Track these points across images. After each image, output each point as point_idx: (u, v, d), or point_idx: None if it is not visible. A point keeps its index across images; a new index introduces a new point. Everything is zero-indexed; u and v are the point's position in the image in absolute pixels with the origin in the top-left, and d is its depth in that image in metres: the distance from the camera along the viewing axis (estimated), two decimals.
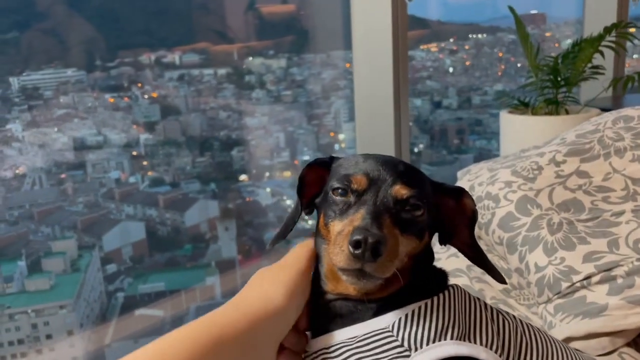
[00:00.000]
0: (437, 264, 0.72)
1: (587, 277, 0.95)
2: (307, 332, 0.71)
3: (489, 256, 0.74)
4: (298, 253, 0.70)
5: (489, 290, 1.08)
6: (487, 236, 1.16)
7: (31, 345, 2.63)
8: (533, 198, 1.10)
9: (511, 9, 1.93)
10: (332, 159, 0.71)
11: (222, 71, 3.37)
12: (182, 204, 3.32)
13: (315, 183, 0.72)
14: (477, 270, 1.12)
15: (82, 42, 3.06)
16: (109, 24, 3.13)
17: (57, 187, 3.04)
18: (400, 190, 0.64)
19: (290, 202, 3.62)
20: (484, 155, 4.07)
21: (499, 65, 4.46)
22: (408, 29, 2.19)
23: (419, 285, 0.67)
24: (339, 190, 0.65)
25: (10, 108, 2.84)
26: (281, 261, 0.70)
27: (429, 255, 0.71)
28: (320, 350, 0.67)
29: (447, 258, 1.16)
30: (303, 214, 0.73)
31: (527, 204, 1.10)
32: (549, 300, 0.99)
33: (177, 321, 3.03)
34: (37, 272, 2.77)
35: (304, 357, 0.69)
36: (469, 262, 0.78)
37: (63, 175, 3.04)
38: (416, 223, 0.64)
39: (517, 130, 1.86)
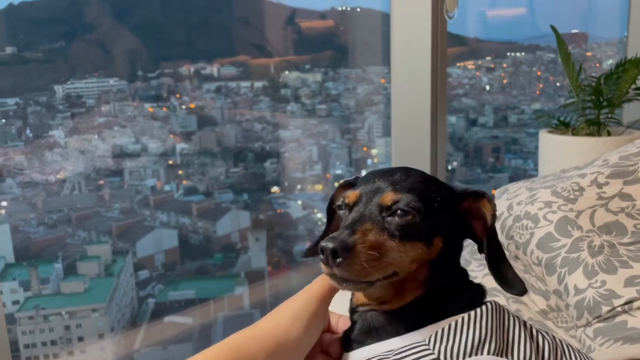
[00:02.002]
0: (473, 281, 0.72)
1: (629, 302, 0.93)
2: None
3: (527, 277, 0.73)
4: (319, 283, 0.72)
5: (526, 311, 1.06)
6: (525, 256, 1.15)
7: (63, 346, 2.67)
8: (574, 219, 1.09)
9: (553, 28, 1.91)
10: (357, 179, 0.74)
11: (258, 84, 3.42)
12: (215, 214, 3.36)
13: None
14: None
15: (126, 52, 3.15)
16: (151, 36, 3.21)
17: (95, 192, 3.11)
18: (386, 197, 0.66)
19: (321, 216, 3.64)
20: (519, 174, 4.01)
21: (537, 84, 4.41)
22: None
23: (452, 298, 0.67)
24: (341, 207, 0.70)
25: (54, 115, 2.93)
26: (302, 291, 0.73)
27: (451, 263, 0.71)
28: None
29: (484, 277, 1.15)
30: None
31: (568, 225, 1.09)
32: (588, 324, 0.97)
33: (206, 329, 3.05)
34: (72, 275, 2.82)
35: None
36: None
37: (101, 182, 3.10)
38: (410, 228, 0.65)
39: (556, 150, 1.83)
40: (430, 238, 0.66)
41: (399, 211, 0.65)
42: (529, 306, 1.08)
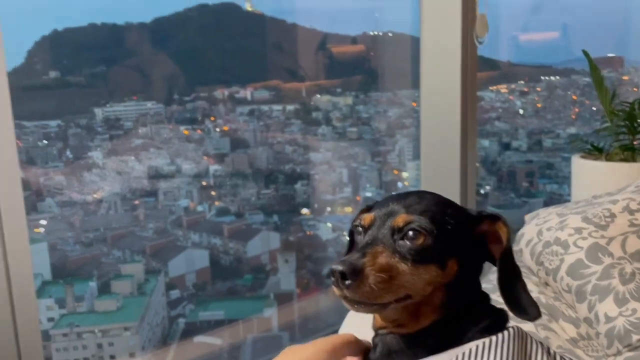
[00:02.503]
0: (499, 307, 0.72)
1: None
2: None
3: (557, 304, 0.73)
4: (332, 338, 0.72)
5: (556, 339, 1.04)
6: (555, 283, 1.13)
7: None
8: (604, 246, 1.07)
9: (585, 53, 1.90)
10: (375, 204, 0.75)
11: (290, 107, 3.47)
12: (245, 235, 3.39)
13: None
14: (543, 317, 1.09)
15: (163, 77, 3.25)
16: (188, 61, 3.30)
17: (130, 212, 3.17)
18: (398, 220, 0.66)
19: None
20: (554, 200, 3.94)
21: (572, 108, 4.35)
22: (477, 70, 2.20)
23: (473, 322, 0.67)
24: (357, 229, 0.71)
25: (94, 137, 3.02)
26: (311, 342, 0.73)
27: (469, 286, 0.71)
28: None
29: None
30: None
31: (598, 252, 1.07)
32: (618, 353, 0.95)
33: (234, 351, 3.06)
34: (106, 293, 2.87)
35: None
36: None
37: (137, 202, 3.17)
38: (423, 251, 0.65)
39: (589, 175, 1.81)
40: (444, 261, 0.66)
41: (410, 233, 0.65)
42: (559, 334, 1.06)
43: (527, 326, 1.09)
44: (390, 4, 3.50)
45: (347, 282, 0.61)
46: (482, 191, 4.09)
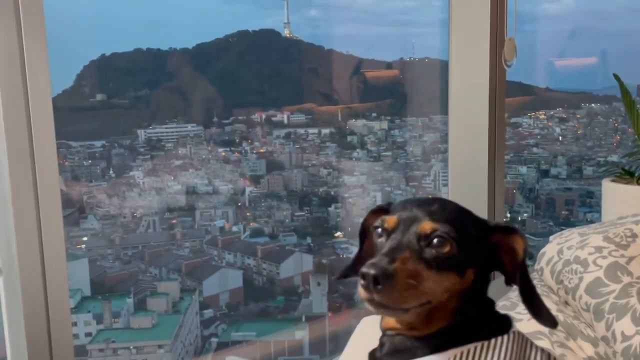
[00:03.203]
0: (518, 325, 0.73)
1: None
2: None
3: (575, 323, 0.74)
4: None
5: (572, 357, 1.04)
6: (574, 302, 1.13)
7: None
8: (624, 265, 1.07)
9: (616, 77, 1.89)
10: (390, 205, 0.77)
11: (325, 131, 3.51)
12: (279, 256, 3.41)
13: None
14: (560, 335, 1.08)
15: (203, 100, 3.35)
16: (227, 85, 3.40)
17: (167, 231, 3.24)
18: (424, 227, 0.68)
19: None
20: None
21: (614, 135, 4.25)
22: (514, 96, 2.19)
23: (476, 325, 0.69)
24: (378, 231, 0.72)
25: (136, 157, 3.11)
26: None
27: (480, 294, 0.72)
28: None
29: (529, 320, 1.13)
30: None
31: (618, 271, 1.07)
32: None
33: None
34: (142, 310, 2.91)
35: None
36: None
37: (174, 221, 3.23)
38: (447, 259, 0.67)
39: (620, 200, 1.78)
40: (464, 269, 0.69)
41: (435, 241, 0.67)
42: (576, 352, 1.05)
43: (544, 343, 1.08)
44: (426, 31, 3.55)
45: (379, 286, 0.62)
46: (519, 218, 4.02)
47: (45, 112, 1.40)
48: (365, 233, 0.79)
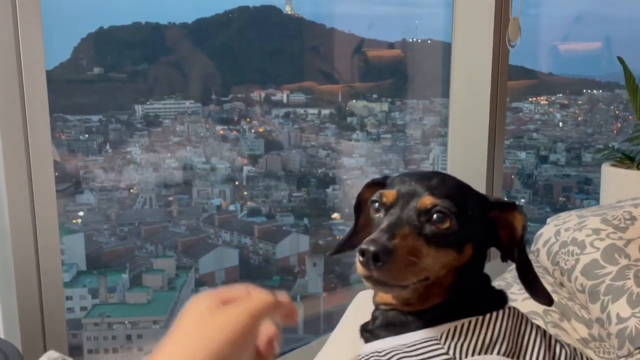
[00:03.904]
0: (513, 304, 0.72)
1: None
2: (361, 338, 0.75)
3: (570, 304, 0.73)
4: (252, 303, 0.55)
5: (566, 338, 1.03)
6: (570, 283, 1.12)
7: (124, 355, 2.73)
8: (622, 247, 1.06)
9: (621, 60, 1.87)
10: (386, 178, 0.75)
11: (325, 111, 3.49)
12: (275, 236, 3.41)
13: None
14: (555, 316, 1.08)
15: (202, 77, 3.31)
16: (226, 62, 3.36)
17: (164, 208, 3.22)
18: (424, 201, 0.66)
19: None
20: None
21: (615, 123, 4.23)
22: (516, 80, 2.17)
23: (472, 301, 0.68)
24: (375, 205, 0.70)
25: (133, 133, 3.09)
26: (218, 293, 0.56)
27: (477, 270, 0.71)
28: (373, 353, 0.70)
29: (523, 300, 1.13)
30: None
31: (615, 253, 1.06)
32: (629, 354, 0.93)
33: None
34: (137, 286, 2.90)
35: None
36: (545, 307, 0.77)
37: (171, 198, 3.22)
38: (446, 235, 0.65)
39: (619, 184, 1.77)
40: (463, 245, 0.68)
41: (435, 217, 0.66)
42: (570, 333, 1.05)
43: (538, 323, 1.08)
44: (429, 11, 3.50)
45: (379, 263, 0.61)
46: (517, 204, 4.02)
47: (39, 83, 1.37)
48: (360, 207, 0.78)
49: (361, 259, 0.62)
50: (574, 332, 1.04)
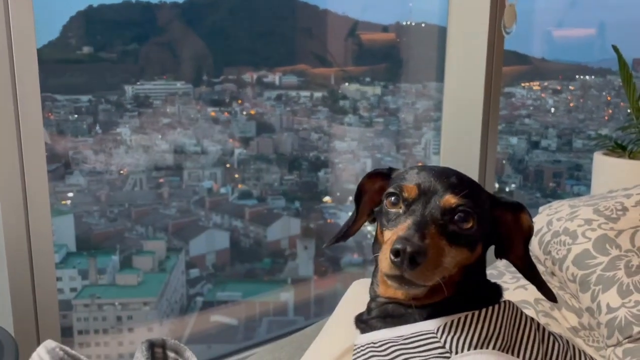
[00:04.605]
0: (505, 294, 0.73)
1: None
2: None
3: (561, 293, 0.73)
4: None
5: (556, 327, 1.04)
6: (561, 272, 1.12)
7: (114, 336, 2.75)
8: (613, 238, 1.06)
9: (615, 49, 1.86)
10: (391, 170, 0.74)
11: (318, 94, 3.47)
12: (266, 219, 3.41)
13: (375, 193, 0.76)
14: (545, 305, 1.08)
15: (193, 57, 3.27)
16: (218, 42, 3.31)
17: (155, 190, 3.20)
18: (449, 200, 0.66)
19: (371, 228, 3.61)
20: None
21: (606, 109, 4.25)
22: (509, 65, 2.17)
23: (470, 295, 0.68)
24: (392, 199, 0.69)
25: (123, 114, 3.05)
26: None
27: (482, 267, 0.72)
28: (368, 344, 0.70)
29: (515, 289, 1.13)
30: (368, 222, 0.78)
31: (606, 244, 1.06)
32: (618, 344, 0.94)
33: (249, 332, 3.10)
34: (127, 268, 2.90)
35: (354, 349, 0.73)
36: (537, 295, 0.78)
37: (161, 180, 3.20)
38: (466, 234, 0.65)
39: (611, 173, 1.78)
40: (476, 244, 0.68)
41: (458, 217, 0.65)
42: (560, 322, 1.06)
43: (528, 312, 1.08)
44: None
45: (416, 265, 0.60)
46: (507, 189, 4.04)
47: (30, 62, 1.35)
48: (360, 196, 0.77)
49: (395, 259, 0.61)
50: (565, 321, 1.05)
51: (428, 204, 0.66)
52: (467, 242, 0.66)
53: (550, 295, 0.74)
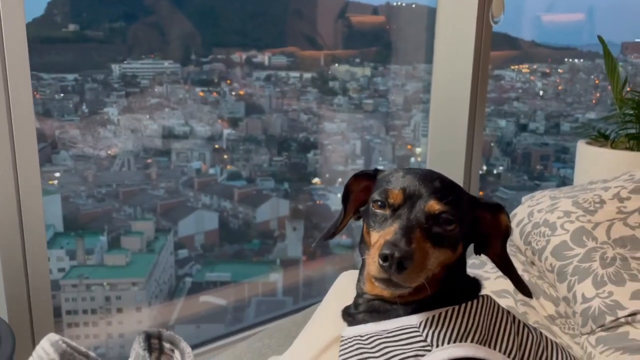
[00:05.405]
0: (486, 283, 0.75)
1: (633, 314, 0.93)
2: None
3: (539, 282, 0.76)
4: None
5: (533, 315, 1.07)
6: (540, 262, 1.15)
7: (103, 316, 2.76)
8: (590, 230, 1.09)
9: (600, 39, 1.87)
10: (377, 172, 0.76)
11: (307, 75, 3.45)
12: (255, 200, 3.41)
13: (361, 192, 0.78)
14: None
15: (181, 36, 3.23)
16: (206, 22, 3.27)
17: (142, 170, 3.19)
18: (434, 206, 0.68)
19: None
20: (567, 184, 3.88)
21: (594, 93, 4.27)
22: (498, 48, 2.17)
23: (452, 291, 0.71)
24: (378, 203, 0.71)
25: (110, 93, 3.02)
26: None
27: (462, 264, 0.75)
28: (355, 337, 0.73)
29: (496, 279, 1.16)
30: (353, 220, 0.80)
31: (583, 236, 1.09)
32: (592, 332, 0.98)
33: (238, 312, 3.13)
34: (116, 248, 2.90)
35: (341, 341, 0.76)
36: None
37: (149, 160, 3.18)
38: (449, 237, 0.68)
39: (593, 162, 1.80)
40: (457, 245, 0.71)
41: (442, 220, 0.68)
42: (538, 311, 1.09)
43: (508, 301, 1.11)
44: None
45: (403, 269, 0.63)
46: (495, 171, 4.07)
47: (19, 40, 1.34)
48: (348, 197, 0.79)
49: (383, 263, 0.63)
50: (542, 310, 1.08)
51: (413, 208, 0.69)
52: (449, 244, 0.69)
53: (525, 291, 0.77)
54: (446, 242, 0.69)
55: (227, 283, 3.19)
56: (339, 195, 0.84)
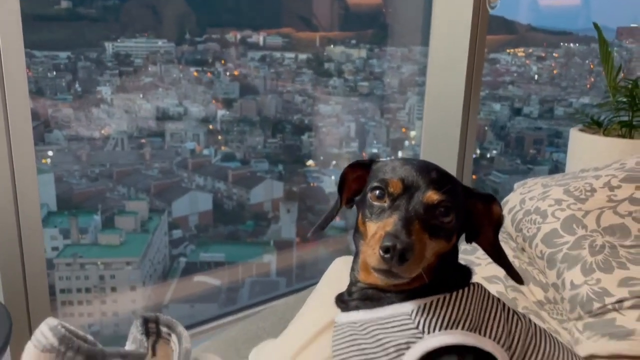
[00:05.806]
0: (477, 269, 0.77)
1: (620, 301, 0.95)
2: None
3: (529, 269, 0.77)
4: None
5: (523, 300, 1.09)
6: (530, 249, 1.17)
7: (97, 295, 2.77)
8: (580, 218, 1.10)
9: (596, 26, 1.87)
10: (372, 162, 0.77)
11: (302, 56, 3.42)
12: (250, 181, 3.41)
13: (355, 181, 0.79)
14: None
15: (175, 15, 3.19)
16: (201, 1, 3.24)
17: (136, 150, 3.17)
18: (432, 196, 0.69)
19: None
20: (560, 169, 3.92)
21: (588, 77, 4.27)
22: (494, 32, 2.16)
23: (444, 279, 0.73)
24: (377, 193, 0.71)
25: (103, 72, 2.99)
26: None
27: (455, 252, 0.76)
28: (348, 323, 0.75)
29: (487, 265, 1.18)
30: (344, 207, 0.81)
31: (573, 224, 1.10)
32: (579, 318, 1.00)
33: (232, 292, 3.15)
34: (109, 228, 2.91)
35: (335, 327, 0.77)
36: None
37: (143, 140, 3.16)
38: (445, 227, 0.69)
39: (585, 149, 1.81)
40: (452, 235, 0.72)
41: (439, 212, 0.69)
42: (527, 296, 1.11)
43: (498, 287, 1.13)
44: None
45: (404, 261, 0.63)
46: (488, 155, 4.08)
47: (13, 19, 1.32)
48: (343, 186, 0.80)
49: (385, 255, 0.64)
50: (531, 295, 1.10)
51: (412, 199, 0.69)
52: (445, 234, 0.70)
53: (517, 278, 0.79)
54: (442, 233, 0.70)
55: (221, 264, 3.20)
56: (333, 178, 0.84)
